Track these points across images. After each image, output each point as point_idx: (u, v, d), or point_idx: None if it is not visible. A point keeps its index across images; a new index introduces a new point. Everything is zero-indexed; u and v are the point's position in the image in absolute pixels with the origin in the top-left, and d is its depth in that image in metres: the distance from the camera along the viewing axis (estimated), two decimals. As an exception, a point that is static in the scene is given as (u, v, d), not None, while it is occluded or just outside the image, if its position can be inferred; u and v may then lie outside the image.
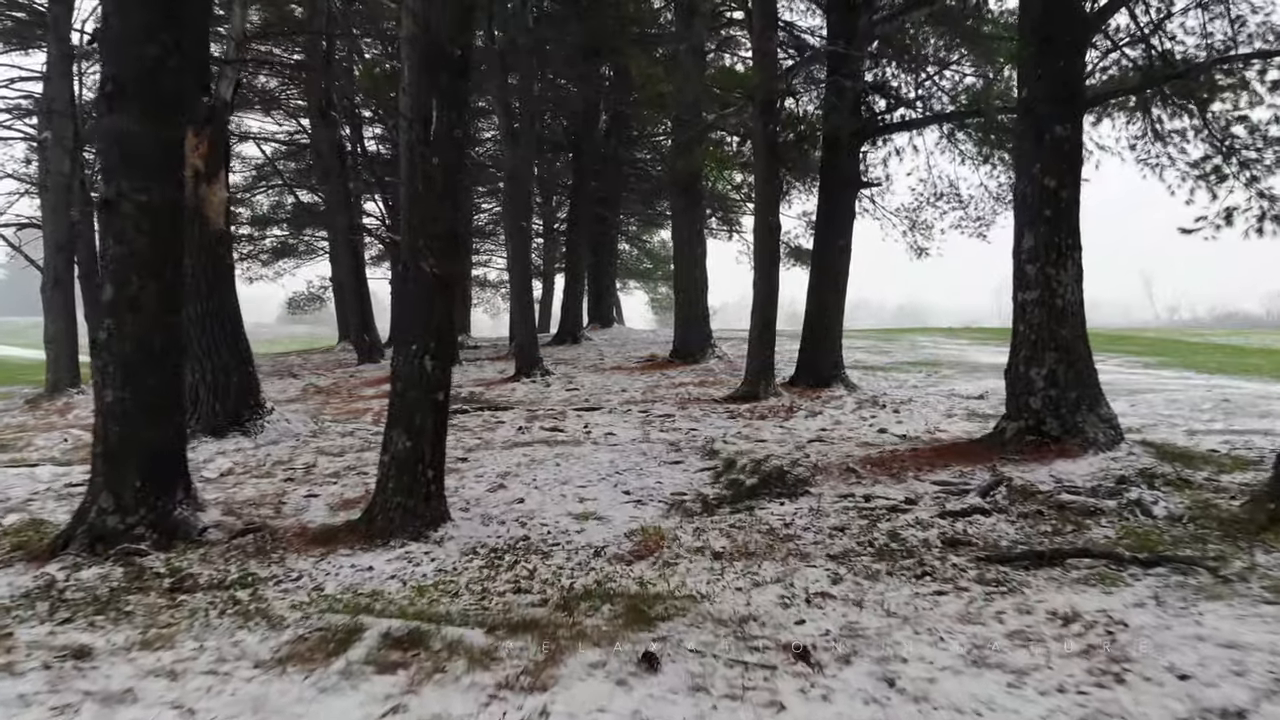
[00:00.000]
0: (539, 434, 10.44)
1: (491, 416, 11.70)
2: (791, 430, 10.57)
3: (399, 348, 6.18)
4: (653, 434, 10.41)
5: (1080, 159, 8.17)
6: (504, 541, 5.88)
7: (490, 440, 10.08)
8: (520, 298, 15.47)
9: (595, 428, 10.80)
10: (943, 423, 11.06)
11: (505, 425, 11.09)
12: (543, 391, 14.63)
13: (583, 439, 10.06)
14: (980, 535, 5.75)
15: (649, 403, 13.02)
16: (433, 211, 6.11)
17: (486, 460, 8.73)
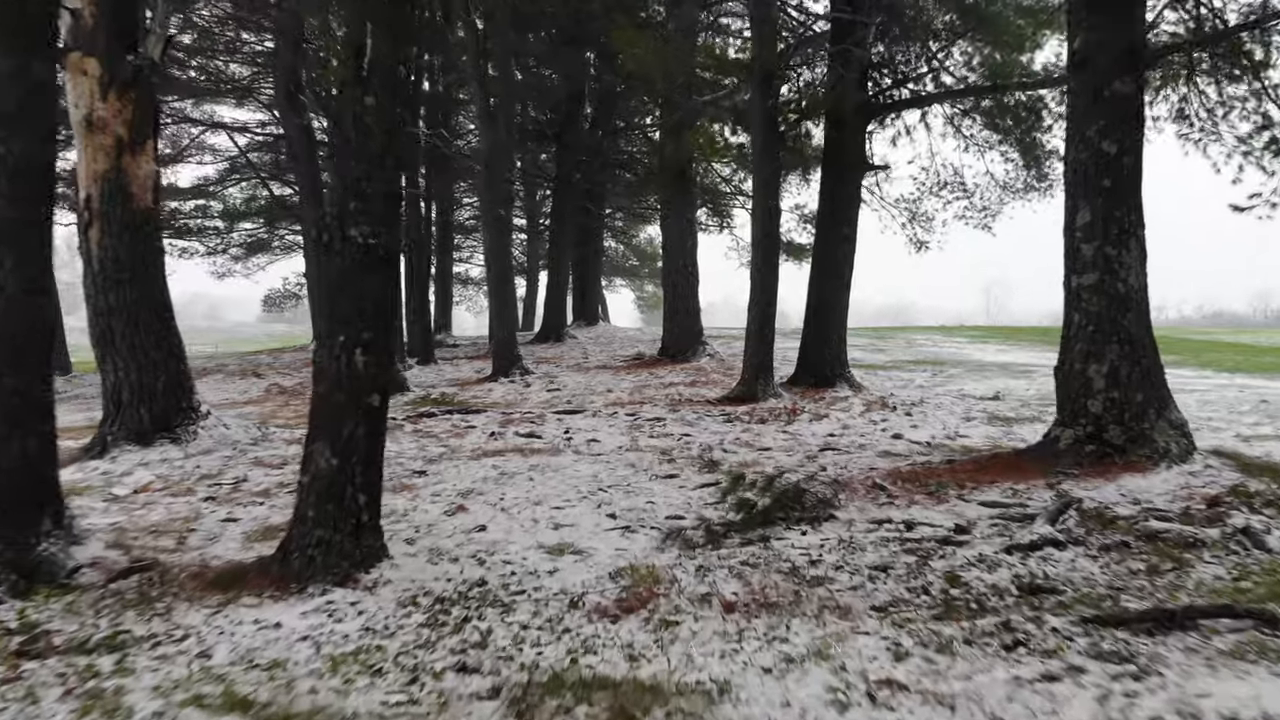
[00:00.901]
0: (513, 441, 9.03)
1: (462, 420, 10.29)
2: (797, 436, 9.21)
3: (322, 339, 4.76)
4: (641, 441, 9.03)
5: (1143, 119, 6.86)
6: (455, 587, 4.49)
7: (457, 448, 8.67)
8: (498, 292, 14.08)
9: (577, 433, 9.41)
10: (962, 427, 9.75)
11: (476, 430, 9.68)
12: (521, 392, 13.22)
13: (562, 447, 8.67)
14: (1063, 578, 4.41)
15: (637, 405, 11.64)
16: (367, 166, 4.71)
17: (449, 474, 7.32)
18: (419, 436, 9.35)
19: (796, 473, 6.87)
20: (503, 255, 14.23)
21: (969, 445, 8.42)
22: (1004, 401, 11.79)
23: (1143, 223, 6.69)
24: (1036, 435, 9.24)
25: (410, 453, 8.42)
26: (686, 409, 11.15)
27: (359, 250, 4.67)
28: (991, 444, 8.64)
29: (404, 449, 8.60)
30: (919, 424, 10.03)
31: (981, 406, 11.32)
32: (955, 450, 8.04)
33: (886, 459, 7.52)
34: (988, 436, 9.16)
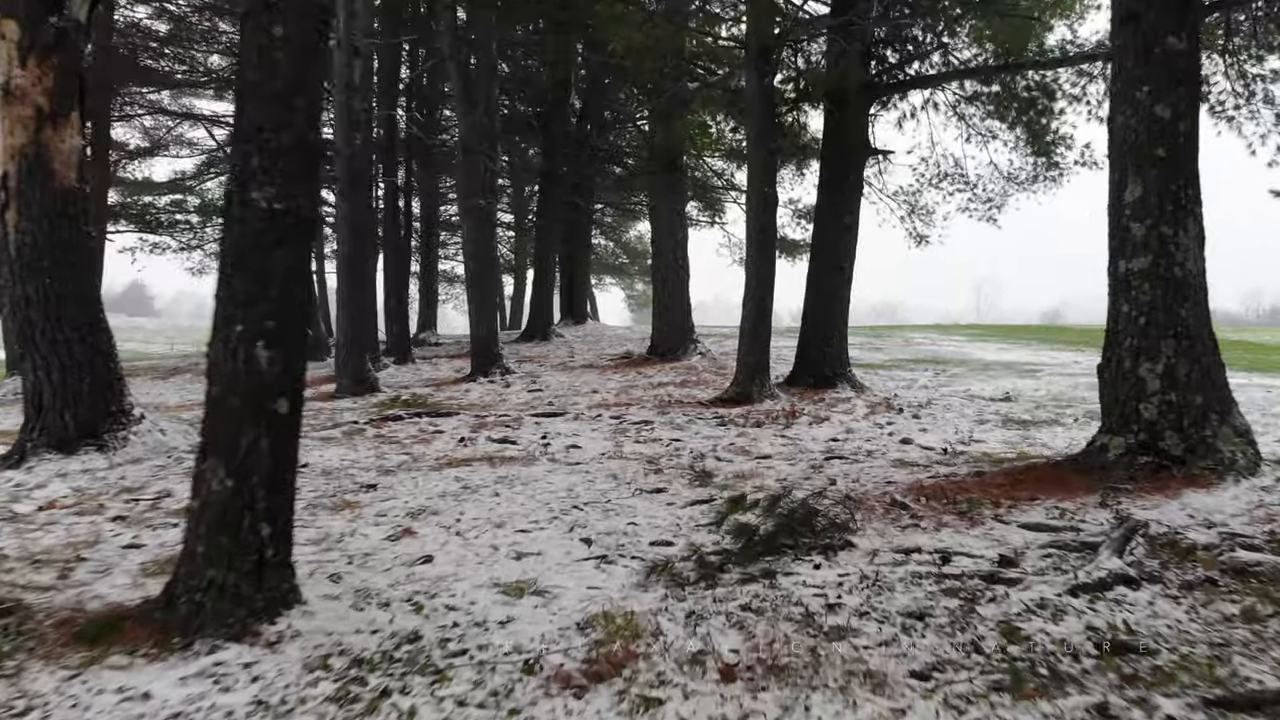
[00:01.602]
0: (484, 448, 8.03)
1: (431, 424, 9.27)
2: (797, 441, 8.23)
3: (217, 328, 3.74)
4: (626, 447, 8.04)
5: (1199, 80, 5.90)
6: (380, 643, 3.48)
7: (420, 456, 7.66)
8: (478, 286, 13.05)
9: (556, 439, 8.40)
10: (976, 430, 8.79)
11: (444, 436, 8.67)
12: (500, 393, 12.20)
13: (538, 455, 7.66)
14: (1150, 631, 3.44)
15: (623, 407, 10.63)
16: (275, 111, 3.70)
17: (403, 487, 6.31)
18: (380, 443, 8.34)
19: (802, 487, 5.87)
20: (482, 247, 13.21)
21: (988, 452, 7.46)
22: (1016, 403, 10.85)
23: (1200, 199, 5.73)
24: (1057, 439, 8.34)
25: (366, 461, 7.41)
26: (676, 411, 10.16)
27: (263, 216, 3.67)
28: (1009, 449, 7.69)
29: (360, 457, 7.59)
30: (929, 427, 9.08)
31: (994, 408, 10.37)
32: (975, 458, 7.06)
33: (903, 470, 6.53)
34: (1005, 441, 8.22)
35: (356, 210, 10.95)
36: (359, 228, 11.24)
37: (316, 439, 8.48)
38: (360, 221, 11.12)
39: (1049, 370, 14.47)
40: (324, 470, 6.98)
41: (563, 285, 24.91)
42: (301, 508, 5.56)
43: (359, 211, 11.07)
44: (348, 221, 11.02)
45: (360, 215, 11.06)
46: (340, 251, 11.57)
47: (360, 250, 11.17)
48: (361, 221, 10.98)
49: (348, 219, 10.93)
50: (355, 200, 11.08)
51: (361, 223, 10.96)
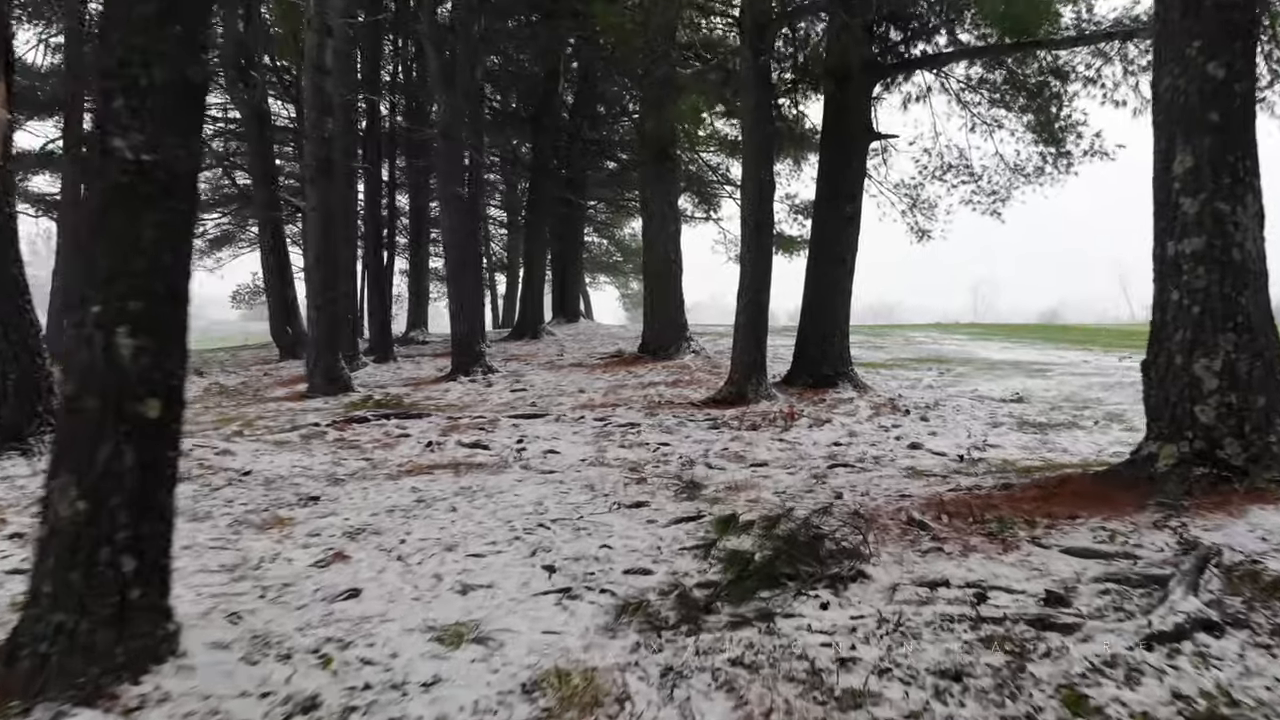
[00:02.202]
0: (452, 454, 7.23)
1: (399, 426, 8.46)
2: (797, 446, 7.45)
3: (70, 310, 2.93)
4: (609, 453, 7.25)
5: (1256, 35, 5.12)
6: (264, 715, 2.67)
7: (380, 463, 6.86)
8: (458, 280, 12.24)
9: (533, 443, 7.61)
10: (990, 434, 8.02)
11: (411, 440, 7.86)
12: (481, 393, 11.40)
13: (511, 461, 6.87)
14: (1252, 699, 2.64)
15: (609, 407, 9.83)
16: (145, 39, 2.90)
17: (349, 500, 5.51)
18: (339, 448, 7.53)
19: (804, 501, 5.08)
20: (463, 238, 12.38)
21: (1008, 459, 6.68)
22: (1029, 404, 10.08)
23: (1258, 170, 4.95)
24: (1079, 444, 7.57)
25: (318, 468, 6.61)
26: (666, 413, 9.36)
27: (127, 169, 2.87)
28: (1028, 454, 6.94)
29: (313, 463, 6.79)
30: (938, 430, 8.31)
31: (1006, 410, 9.59)
32: (996, 466, 6.28)
33: (917, 480, 5.74)
34: (1023, 446, 7.45)
35: (326, 199, 10.15)
36: (329, 218, 10.44)
37: (270, 443, 7.68)
38: (331, 212, 10.33)
39: (1058, 369, 13.71)
40: (267, 479, 6.17)
41: (555, 283, 24.09)
42: (226, 525, 4.77)
43: (329, 201, 10.27)
44: (317, 211, 10.21)
45: (331, 205, 10.27)
46: (308, 243, 10.78)
47: (330, 242, 10.37)
48: (332, 212, 10.19)
49: (317, 208, 10.13)
50: (326, 189, 10.28)
51: (332, 213, 10.17)
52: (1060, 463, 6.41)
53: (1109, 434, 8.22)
